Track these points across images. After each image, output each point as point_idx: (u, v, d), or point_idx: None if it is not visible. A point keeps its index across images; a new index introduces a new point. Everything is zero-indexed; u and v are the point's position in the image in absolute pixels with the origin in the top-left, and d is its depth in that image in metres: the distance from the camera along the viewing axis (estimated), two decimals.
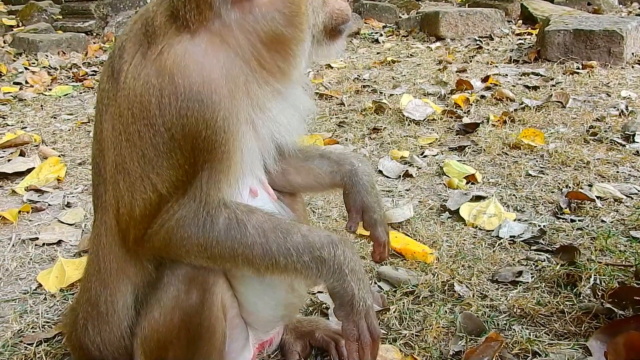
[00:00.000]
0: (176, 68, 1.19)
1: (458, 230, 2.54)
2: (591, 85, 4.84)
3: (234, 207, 1.30)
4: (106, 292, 1.38)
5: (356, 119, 4.39)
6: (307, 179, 1.63)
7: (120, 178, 1.26)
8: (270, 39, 1.28)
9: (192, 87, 1.19)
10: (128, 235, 1.29)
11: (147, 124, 1.20)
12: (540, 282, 2.06)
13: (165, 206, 1.25)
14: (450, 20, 7.93)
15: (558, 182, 2.95)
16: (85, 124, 4.64)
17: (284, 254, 1.29)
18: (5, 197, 3.22)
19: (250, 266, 1.31)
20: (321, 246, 1.31)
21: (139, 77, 1.22)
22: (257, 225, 1.28)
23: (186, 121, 1.19)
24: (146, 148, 1.22)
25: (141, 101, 1.20)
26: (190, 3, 1.23)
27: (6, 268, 2.41)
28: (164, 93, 1.19)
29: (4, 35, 8.83)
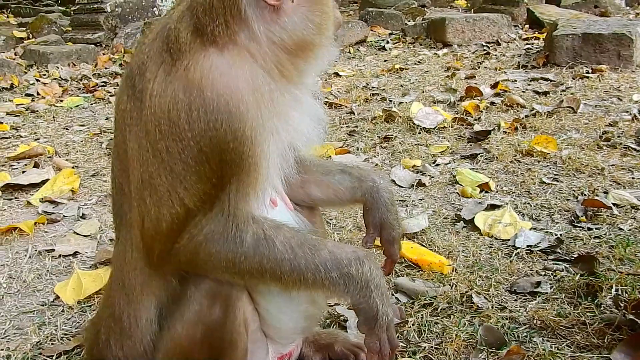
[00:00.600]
0: (204, 82, 1.20)
1: (474, 240, 2.53)
2: (602, 89, 4.82)
3: (262, 222, 1.31)
4: (130, 308, 1.39)
5: (366, 127, 4.39)
6: (327, 193, 1.63)
7: (147, 194, 1.26)
8: (296, 47, 1.31)
9: (220, 99, 1.20)
10: (153, 250, 1.30)
11: (176, 138, 1.21)
12: (560, 292, 2.05)
13: (192, 220, 1.26)
14: (456, 27, 7.92)
15: (573, 190, 2.94)
16: (97, 135, 4.67)
17: (312, 270, 1.29)
18: (21, 208, 3.24)
19: (278, 282, 1.31)
20: (349, 263, 1.31)
21: (165, 93, 1.22)
22: (285, 241, 1.29)
23: (215, 133, 1.21)
24: (174, 163, 1.22)
25: (169, 117, 1.21)
26: (218, 18, 1.24)
27: (23, 279, 2.43)
28: (193, 107, 1.20)
29: (15, 48, 8.91)
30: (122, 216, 1.39)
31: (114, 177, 1.42)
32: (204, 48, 1.24)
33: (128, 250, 1.37)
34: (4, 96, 6.40)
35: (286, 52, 1.30)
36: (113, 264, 1.49)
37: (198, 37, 1.25)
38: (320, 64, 1.42)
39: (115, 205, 1.43)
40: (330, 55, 1.45)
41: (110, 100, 6.12)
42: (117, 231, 1.45)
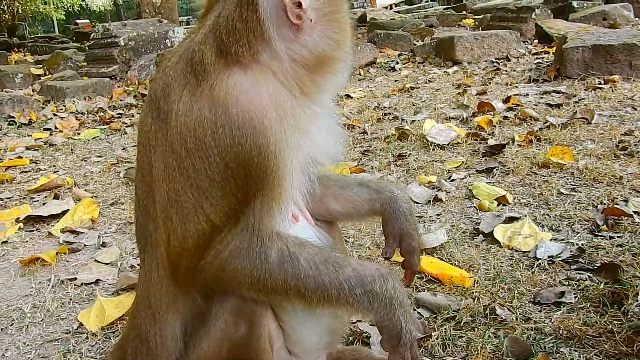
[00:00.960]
0: (229, 99, 1.23)
1: (494, 253, 2.51)
2: (615, 99, 4.80)
3: (286, 239, 1.32)
4: (156, 327, 1.40)
5: (380, 146, 4.41)
6: (345, 206, 1.65)
7: (173, 211, 1.29)
8: (316, 63, 1.34)
9: (245, 115, 1.23)
10: (179, 267, 1.31)
11: (202, 155, 1.24)
12: (585, 301, 2.02)
13: (218, 236, 1.28)
14: (465, 45, 7.98)
15: (592, 199, 2.91)
16: (115, 165, 4.74)
17: (336, 287, 1.30)
18: (42, 239, 3.29)
19: (302, 299, 1.32)
20: (372, 280, 1.32)
21: (191, 112, 1.26)
22: (309, 258, 1.30)
23: (240, 149, 1.23)
24: (201, 179, 1.25)
25: (195, 135, 1.24)
26: (241, 39, 1.28)
27: (47, 308, 2.45)
28: (218, 124, 1.23)
29: (33, 84, 9.14)
30: (147, 237, 1.41)
31: (138, 200, 1.44)
32: (228, 68, 1.27)
33: (154, 270, 1.39)
34: (23, 131, 6.54)
35: (306, 69, 1.34)
36: (139, 285, 1.51)
37: (222, 57, 1.28)
38: (338, 79, 1.45)
39: (140, 228, 1.45)
40: (347, 71, 1.48)
41: (126, 131, 6.23)
42: (142, 253, 1.46)
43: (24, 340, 2.23)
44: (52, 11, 38.26)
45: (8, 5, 32.36)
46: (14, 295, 2.61)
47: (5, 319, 2.39)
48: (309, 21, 1.31)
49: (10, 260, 3.00)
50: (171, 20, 12.15)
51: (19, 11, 34.33)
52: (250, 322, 1.36)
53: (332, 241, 1.59)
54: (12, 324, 2.36)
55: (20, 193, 4.18)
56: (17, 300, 2.55)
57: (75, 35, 20.93)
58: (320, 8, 1.32)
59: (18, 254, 3.08)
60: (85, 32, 20.80)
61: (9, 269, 2.90)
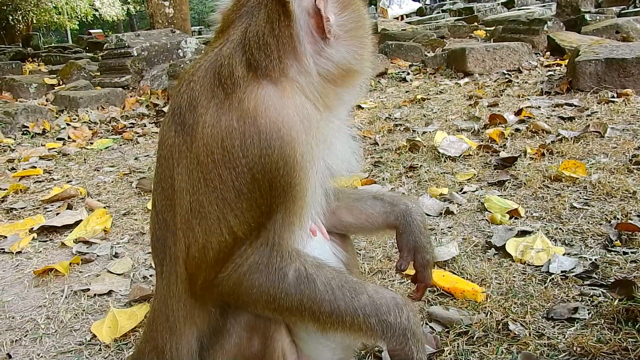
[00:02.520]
0: (258, 111, 1.25)
1: (506, 267, 2.50)
2: (628, 113, 4.77)
3: (304, 259, 1.33)
4: (173, 340, 1.40)
5: (391, 158, 4.41)
6: (359, 219, 1.65)
7: (195, 223, 1.29)
8: (340, 77, 1.37)
9: (273, 126, 1.24)
10: (197, 279, 1.32)
11: (230, 166, 1.25)
12: (599, 318, 2.00)
13: (238, 250, 1.28)
14: (477, 56, 7.97)
15: (605, 214, 2.89)
16: (127, 175, 4.78)
17: (350, 314, 1.30)
18: (56, 249, 3.32)
19: (316, 322, 1.32)
20: (388, 310, 1.32)
21: (219, 124, 1.27)
22: (326, 281, 1.30)
23: (268, 159, 1.24)
24: (227, 190, 1.26)
25: (223, 146, 1.25)
26: (272, 54, 1.30)
27: (60, 320, 2.47)
28: (247, 135, 1.24)
29: (47, 94, 9.24)
30: (165, 251, 1.42)
31: (156, 214, 1.45)
32: (258, 81, 1.29)
33: (172, 282, 1.39)
34: (37, 141, 6.62)
35: (331, 82, 1.36)
36: (155, 298, 1.51)
37: (251, 71, 1.30)
38: (358, 92, 1.49)
39: (158, 241, 1.45)
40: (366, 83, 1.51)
41: (138, 141, 6.28)
42: (158, 267, 1.47)
43: (37, 351, 2.25)
44: (66, 21, 38.74)
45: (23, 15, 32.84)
46: (28, 306, 2.63)
47: (19, 330, 2.42)
48: (340, 37, 1.34)
49: (24, 271, 3.03)
50: (184, 30, 12.26)
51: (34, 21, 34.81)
52: (264, 337, 1.36)
53: (346, 255, 1.59)
54: (26, 335, 2.38)
55: (34, 203, 4.23)
56: (31, 311, 2.57)
57: (88, 45, 21.16)
58: (344, 24, 1.35)
59: (32, 264, 3.12)
60: (99, 41, 21.01)
61: (23, 280, 2.92)
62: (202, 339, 1.40)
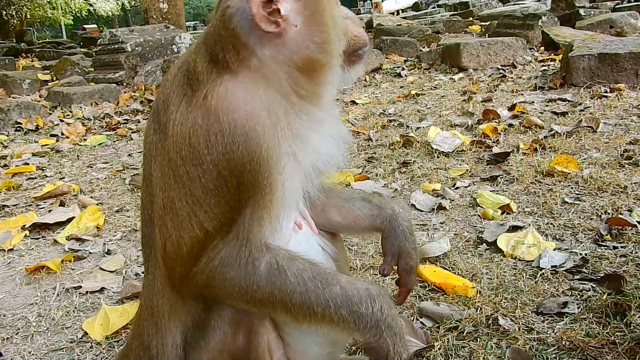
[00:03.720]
0: (220, 107, 1.24)
1: (497, 262, 2.51)
2: (621, 108, 4.78)
3: (276, 252, 1.32)
4: (158, 335, 1.41)
5: (385, 153, 4.41)
6: (347, 219, 1.65)
7: (168, 219, 1.30)
8: (305, 67, 1.32)
9: (237, 122, 1.23)
10: (174, 273, 1.33)
11: (196, 163, 1.25)
12: (588, 312, 2.01)
13: (210, 244, 1.28)
14: (471, 51, 7.98)
15: (596, 209, 2.90)
16: (120, 172, 4.77)
17: (322, 305, 1.29)
18: (48, 246, 3.31)
19: (287, 313, 1.32)
20: (359, 300, 1.30)
21: (186, 121, 1.27)
22: (298, 273, 1.30)
23: (232, 156, 1.24)
24: (195, 187, 1.26)
25: (190, 143, 1.25)
26: (227, 46, 1.29)
27: (52, 317, 2.46)
28: (211, 132, 1.24)
29: (40, 90, 9.20)
30: (150, 247, 1.43)
31: (142, 209, 1.46)
32: (220, 76, 1.28)
33: (157, 278, 1.40)
34: (30, 137, 6.60)
35: (301, 72, 1.32)
36: (142, 293, 1.52)
37: (214, 66, 1.30)
38: (335, 84, 1.44)
39: (145, 237, 1.47)
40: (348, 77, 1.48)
41: (132, 137, 6.27)
42: (146, 262, 1.48)
43: (29, 349, 2.24)
44: (60, 16, 38.53)
45: (17, 10, 32.62)
46: (19, 304, 2.62)
47: (10, 328, 2.41)
48: (294, 26, 1.30)
49: (16, 268, 3.03)
50: (178, 25, 12.21)
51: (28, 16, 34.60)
52: (248, 332, 1.36)
53: (335, 250, 1.59)
54: (18, 332, 2.37)
55: (26, 200, 4.21)
56: (23, 309, 2.57)
57: (82, 41, 21.05)
58: (304, 13, 1.30)
59: (24, 261, 3.11)
60: (93, 37, 20.93)
61: (14, 277, 2.92)
62: (186, 334, 1.40)
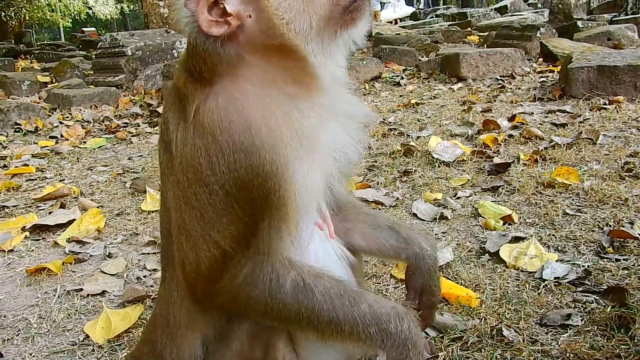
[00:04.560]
0: (214, 124, 1.21)
1: (500, 273, 2.52)
2: (620, 120, 4.82)
3: (301, 269, 1.31)
4: (172, 344, 1.41)
5: (386, 162, 4.42)
6: (371, 246, 1.65)
7: (183, 239, 1.29)
8: (283, 54, 1.26)
9: (234, 139, 1.20)
10: (196, 290, 1.32)
11: (202, 185, 1.23)
12: (591, 325, 2.02)
13: (231, 261, 1.27)
14: (470, 61, 8.02)
15: (597, 221, 2.92)
16: (121, 175, 4.76)
17: (350, 323, 1.29)
18: (48, 248, 3.30)
19: (314, 331, 1.32)
20: (387, 319, 1.31)
21: (187, 142, 1.25)
22: (325, 291, 1.29)
23: (237, 174, 1.21)
24: (204, 208, 1.24)
25: (193, 164, 1.24)
26: (197, 59, 1.26)
27: (53, 319, 2.45)
28: (211, 153, 1.21)
29: (39, 92, 9.18)
30: (168, 257, 1.43)
31: (161, 222, 1.47)
32: (203, 90, 1.25)
33: (174, 289, 1.40)
34: (29, 139, 6.58)
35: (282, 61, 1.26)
36: (158, 302, 1.52)
37: (195, 81, 1.27)
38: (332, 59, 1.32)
39: (163, 248, 1.48)
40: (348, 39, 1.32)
41: (131, 141, 6.26)
42: (163, 272, 1.48)
43: (30, 351, 2.23)
44: (59, 19, 38.52)
45: (16, 12, 32.60)
46: (20, 305, 2.61)
47: (11, 329, 2.40)
48: (248, 17, 1.23)
49: (16, 270, 3.01)
50: (178, 30, 12.21)
51: (27, 18, 34.57)
52: (266, 345, 1.36)
53: (353, 258, 1.58)
54: (18, 334, 2.36)
55: (26, 201, 4.20)
56: (23, 311, 2.56)
57: (81, 43, 21.02)
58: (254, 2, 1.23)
59: (24, 263, 3.10)
60: (92, 40, 20.92)
61: (14, 278, 2.91)
62: (208, 344, 1.39)
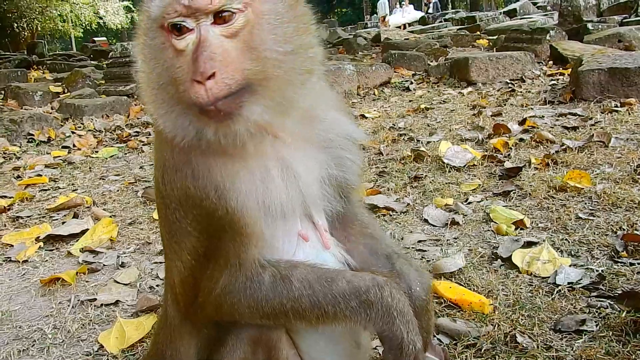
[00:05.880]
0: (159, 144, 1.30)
1: (513, 278, 2.50)
2: (632, 122, 4.78)
3: (275, 264, 1.33)
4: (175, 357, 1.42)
5: (396, 167, 4.42)
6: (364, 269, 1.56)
7: (166, 256, 1.38)
8: None
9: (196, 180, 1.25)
10: (180, 305, 1.36)
11: (162, 202, 1.30)
12: (607, 330, 2.00)
13: (205, 275, 1.30)
14: (480, 65, 8.01)
15: (610, 225, 2.89)
16: (133, 184, 4.79)
17: (331, 303, 1.29)
18: (62, 258, 3.32)
19: (301, 319, 1.32)
20: (367, 289, 1.29)
21: (158, 168, 1.33)
22: (302, 277, 1.30)
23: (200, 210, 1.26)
24: (169, 225, 1.31)
25: (156, 180, 1.32)
26: None
27: (67, 330, 2.47)
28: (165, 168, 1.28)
29: (52, 102, 9.28)
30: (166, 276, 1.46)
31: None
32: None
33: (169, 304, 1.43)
34: (42, 149, 6.64)
35: None
36: (160, 318, 1.54)
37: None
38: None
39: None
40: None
41: (143, 150, 6.30)
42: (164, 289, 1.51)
43: None
44: (70, 29, 38.93)
45: (28, 23, 32.99)
46: (35, 316, 2.64)
47: (26, 340, 2.42)
48: None
49: (30, 280, 3.04)
50: None
51: (39, 29, 34.98)
52: (267, 348, 1.36)
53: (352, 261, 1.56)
54: (34, 344, 2.38)
55: (39, 211, 4.24)
56: (38, 321, 2.58)
57: (93, 53, 21.21)
58: None
59: (38, 273, 3.12)
60: (103, 49, 21.08)
61: (29, 289, 2.93)
62: (203, 354, 1.41)
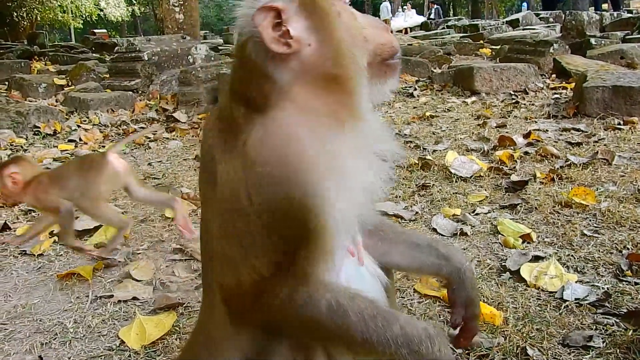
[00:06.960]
0: (256, 157, 1.25)
1: (521, 292, 2.58)
2: (635, 141, 4.88)
3: (336, 291, 1.36)
4: None
5: (403, 175, 4.50)
6: (411, 264, 1.70)
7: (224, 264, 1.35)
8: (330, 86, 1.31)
9: (274, 172, 1.25)
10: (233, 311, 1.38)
11: (241, 215, 1.29)
12: (613, 347, 2.09)
13: (268, 285, 1.32)
14: (484, 75, 8.09)
15: (615, 243, 2.98)
16: (142, 181, 4.83)
17: (382, 344, 1.33)
18: (76, 254, 3.38)
19: (349, 350, 1.37)
20: (420, 341, 1.34)
21: (229, 173, 1.30)
22: (358, 311, 1.33)
23: (274, 206, 1.26)
24: (243, 237, 1.30)
25: (233, 194, 1.29)
26: (251, 82, 1.31)
27: (88, 324, 2.54)
28: (249, 184, 1.26)
29: (56, 95, 9.30)
30: (207, 279, 1.49)
31: (202, 246, 1.51)
32: (252, 119, 1.29)
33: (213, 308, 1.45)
34: (48, 142, 6.68)
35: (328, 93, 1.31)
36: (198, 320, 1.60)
37: (245, 109, 1.31)
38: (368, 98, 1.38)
39: (204, 269, 1.53)
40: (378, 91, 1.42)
41: (149, 146, 6.35)
42: (204, 293, 1.55)
43: (68, 355, 2.31)
44: (70, 20, 38.82)
45: (27, 12, 32.87)
46: (54, 310, 2.70)
47: (48, 333, 2.48)
48: (308, 45, 1.29)
49: (47, 274, 3.10)
50: (193, 36, 12.36)
51: (38, 19, 34.86)
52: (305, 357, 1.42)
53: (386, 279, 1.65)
54: (55, 338, 2.44)
55: None
56: (58, 315, 2.64)
57: (94, 46, 21.20)
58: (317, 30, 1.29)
59: (54, 267, 3.18)
60: (105, 42, 21.07)
61: (46, 282, 2.99)
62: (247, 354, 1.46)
